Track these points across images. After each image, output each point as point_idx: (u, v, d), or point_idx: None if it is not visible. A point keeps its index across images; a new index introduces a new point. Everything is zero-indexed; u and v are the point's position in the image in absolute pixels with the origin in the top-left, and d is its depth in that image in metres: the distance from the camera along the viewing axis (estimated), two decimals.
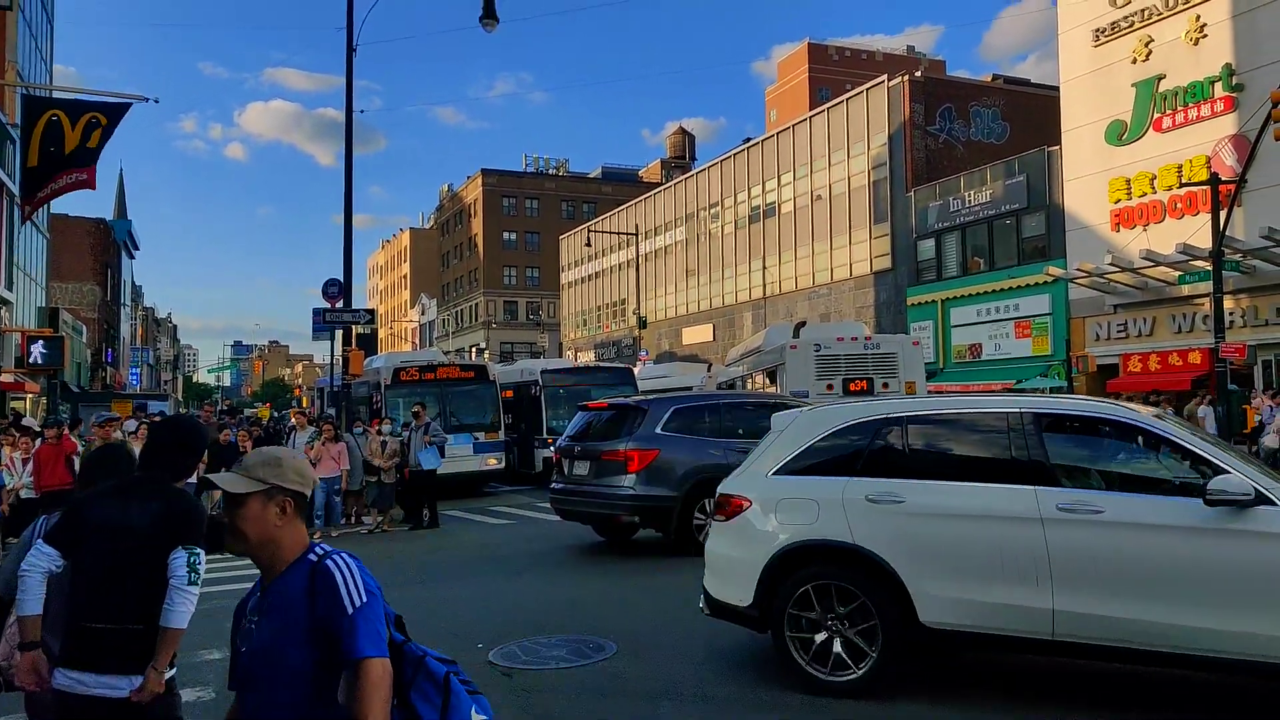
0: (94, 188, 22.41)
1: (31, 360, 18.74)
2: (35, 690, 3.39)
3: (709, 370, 32.74)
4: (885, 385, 18.71)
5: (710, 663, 6.61)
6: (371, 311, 18.72)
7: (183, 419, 3.84)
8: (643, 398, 12.89)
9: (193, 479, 3.58)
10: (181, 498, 3.47)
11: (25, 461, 11.42)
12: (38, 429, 13.46)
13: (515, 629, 7.72)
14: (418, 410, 16.20)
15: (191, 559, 3.33)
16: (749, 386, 22.68)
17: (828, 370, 18.96)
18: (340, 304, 18.11)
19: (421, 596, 9.36)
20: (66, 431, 11.95)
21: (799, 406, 12.88)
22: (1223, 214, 20.57)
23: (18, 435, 12.09)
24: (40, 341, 19.09)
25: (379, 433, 15.63)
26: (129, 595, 3.26)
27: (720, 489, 6.64)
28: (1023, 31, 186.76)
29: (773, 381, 20.42)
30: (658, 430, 11.12)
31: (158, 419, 9.54)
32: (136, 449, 7.13)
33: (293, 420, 19.10)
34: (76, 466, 9.87)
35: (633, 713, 5.73)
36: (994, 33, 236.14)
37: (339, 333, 19.50)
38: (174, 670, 3.43)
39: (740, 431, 11.60)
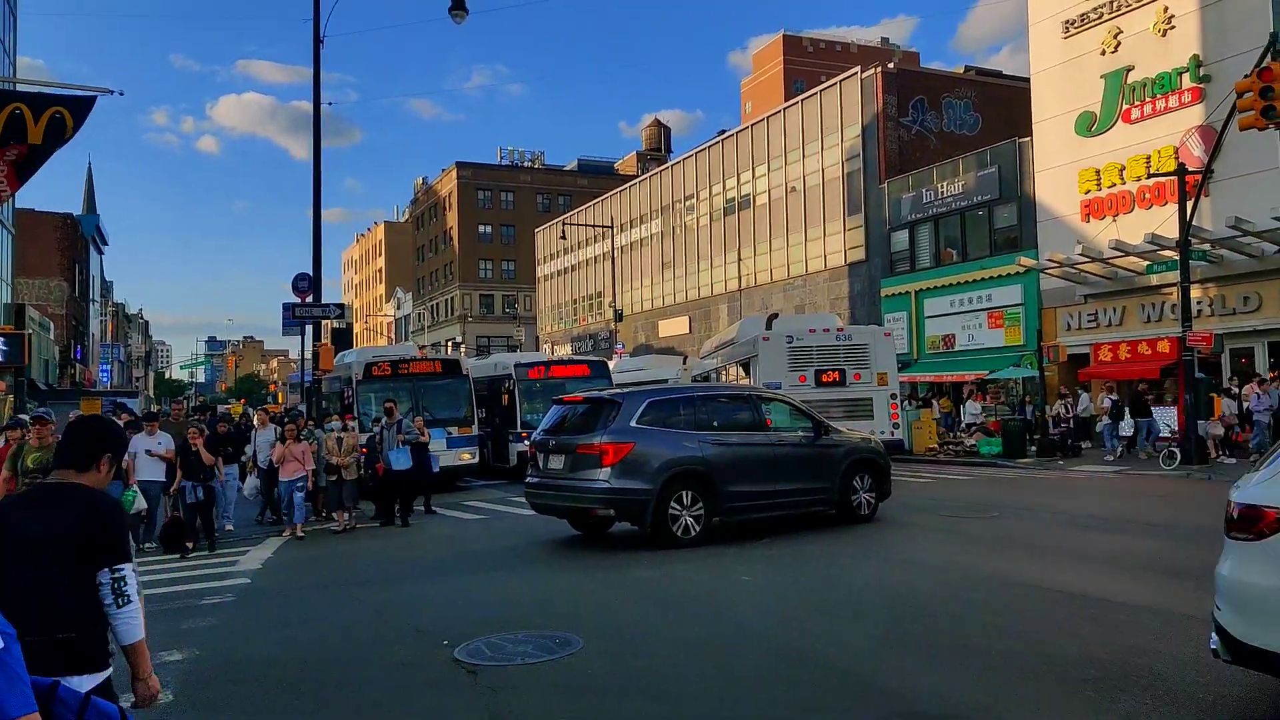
0: (10, 195, 21.95)
1: None
2: None
3: (685, 363, 32.76)
4: (857, 376, 18.83)
5: (674, 656, 6.57)
6: (341, 306, 18.52)
7: (93, 419, 3.57)
8: (617, 391, 12.85)
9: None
10: (93, 504, 3.28)
11: None
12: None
13: (482, 626, 7.65)
14: (389, 407, 15.92)
15: (116, 583, 3.18)
16: (723, 379, 22.71)
17: (800, 361, 19.05)
18: (310, 298, 17.87)
19: (388, 595, 9.27)
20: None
21: (772, 398, 13.12)
22: (1190, 204, 20.74)
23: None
24: (1, 339, 18.68)
25: (338, 429, 15.21)
26: (55, 606, 3.11)
27: (1241, 498, 5.00)
28: (996, 23, 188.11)
29: (747, 373, 20.46)
30: (632, 423, 11.11)
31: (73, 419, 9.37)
32: None
33: (255, 419, 18.69)
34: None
35: (597, 707, 5.69)
36: (968, 24, 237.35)
37: (309, 328, 19.26)
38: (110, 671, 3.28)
39: (715, 424, 11.71)
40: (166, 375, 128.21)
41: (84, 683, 3.08)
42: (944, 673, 5.98)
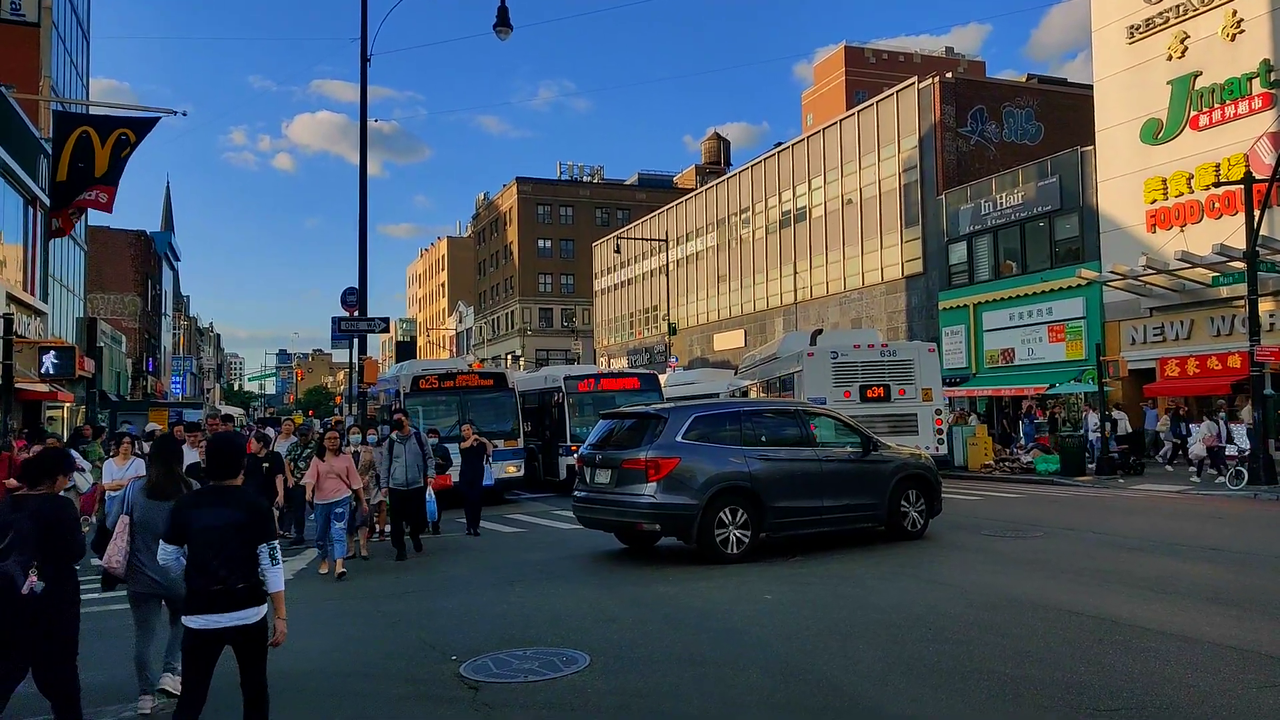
0: (109, 210, 22.83)
1: (43, 370, 18.99)
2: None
3: (735, 375, 32.57)
4: (902, 391, 18.53)
5: (678, 676, 6.44)
6: (385, 319, 18.73)
7: (225, 440, 5.25)
8: (663, 406, 12.83)
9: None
10: (254, 502, 5.08)
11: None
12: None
13: (493, 641, 7.62)
14: (400, 419, 13.67)
15: (271, 553, 4.88)
16: (757, 395, 22.60)
17: (845, 377, 18.79)
18: (357, 313, 18.18)
19: (403, 607, 9.30)
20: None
21: (819, 413, 12.90)
22: (1258, 214, 19.91)
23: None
24: (52, 352, 19.36)
25: (357, 443, 13.80)
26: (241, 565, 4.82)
27: None
28: (1070, 30, 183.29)
29: (787, 389, 20.28)
30: (678, 439, 11.10)
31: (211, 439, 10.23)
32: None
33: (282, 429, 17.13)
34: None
35: None
36: (1041, 31, 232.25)
37: (355, 341, 19.58)
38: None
39: (762, 439, 11.67)
40: (236, 387, 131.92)
41: (259, 611, 4.84)
42: (951, 699, 5.75)
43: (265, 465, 12.90)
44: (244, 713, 4.92)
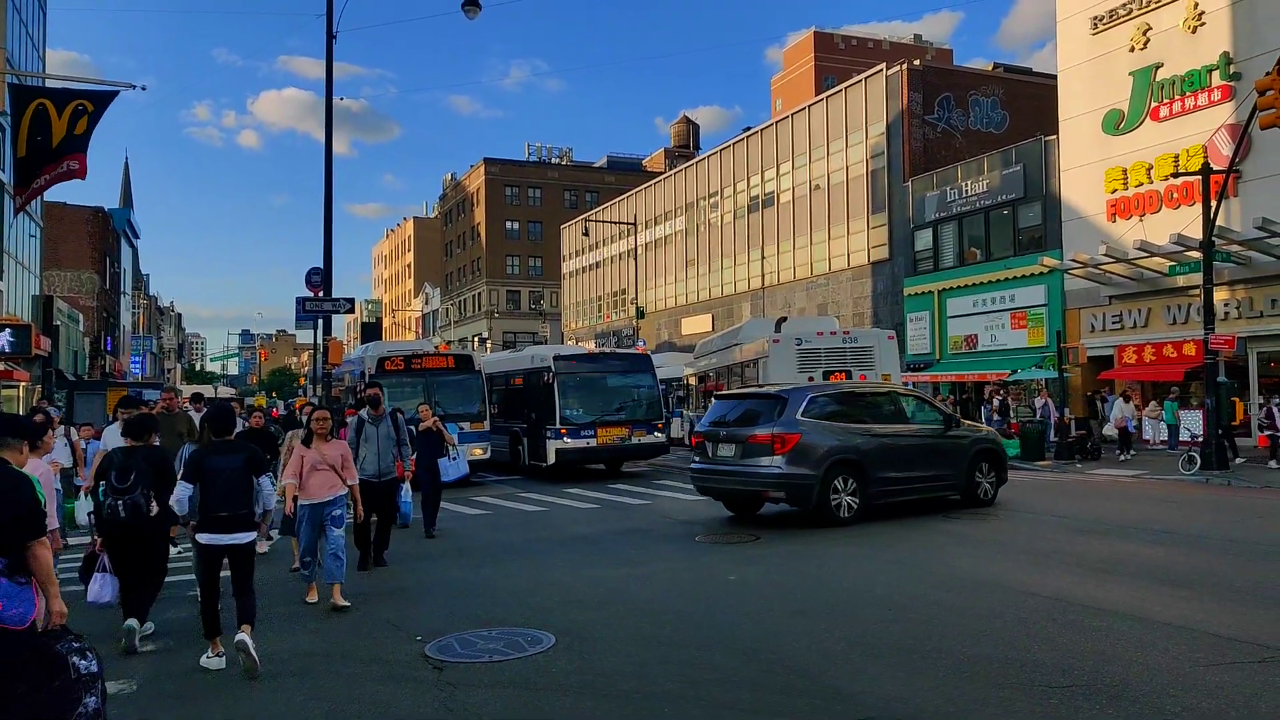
0: (84, 177, 22.27)
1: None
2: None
3: (690, 360, 32.60)
4: (863, 377, 18.82)
5: (641, 656, 6.50)
6: (350, 300, 18.55)
7: (224, 406, 8.05)
8: (782, 388, 13.91)
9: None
10: (252, 451, 7.05)
11: None
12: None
13: (456, 621, 7.64)
14: (374, 394, 11.15)
15: (267, 477, 7.05)
16: (727, 380, 22.74)
17: (809, 363, 19.02)
18: (321, 293, 17.99)
19: (368, 588, 9.26)
20: None
21: (908, 394, 14.31)
22: (1215, 204, 20.29)
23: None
24: (6, 330, 18.97)
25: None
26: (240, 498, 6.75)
27: None
28: (1040, 18, 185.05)
29: (749, 373, 20.52)
30: (798, 416, 12.42)
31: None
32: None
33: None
34: None
35: (551, 706, 5.63)
36: (1012, 20, 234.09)
37: (320, 321, 19.39)
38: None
39: (865, 417, 13.17)
40: (198, 367, 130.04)
41: (250, 535, 6.74)
42: (909, 677, 5.86)
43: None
44: (237, 604, 6.61)
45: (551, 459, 20.25)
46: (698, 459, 13.55)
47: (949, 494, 13.72)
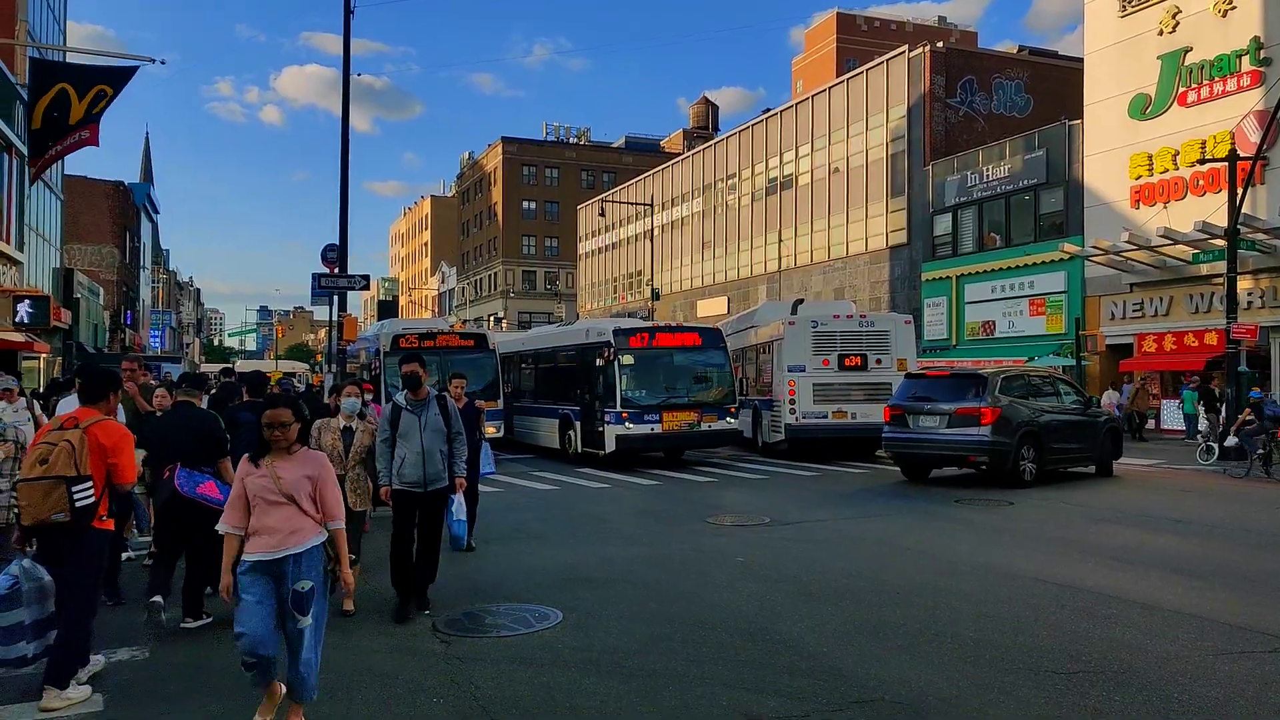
0: (97, 144, 22.45)
1: (18, 320, 18.81)
2: None
3: None
4: (878, 361, 18.74)
5: (646, 634, 6.51)
6: (365, 277, 18.60)
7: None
8: (980, 370, 16.28)
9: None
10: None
11: None
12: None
13: (465, 597, 7.67)
14: (414, 372, 7.63)
15: None
16: (741, 362, 22.60)
17: (824, 346, 18.92)
18: (337, 269, 18.04)
19: (376, 562, 9.28)
20: None
21: (1058, 378, 16.86)
22: (1241, 192, 20.00)
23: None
24: (26, 301, 19.15)
25: (352, 409, 8.28)
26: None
27: None
28: (1071, 1, 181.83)
29: (765, 355, 20.42)
30: (996, 393, 14.57)
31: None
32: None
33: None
34: None
35: (555, 680, 5.64)
36: (1043, 1, 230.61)
37: (336, 298, 19.47)
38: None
39: (1036, 397, 15.44)
40: (216, 342, 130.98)
41: None
42: (913, 660, 5.84)
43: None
44: None
45: (611, 446, 17.83)
46: (892, 429, 15.53)
47: (1087, 465, 16.11)
